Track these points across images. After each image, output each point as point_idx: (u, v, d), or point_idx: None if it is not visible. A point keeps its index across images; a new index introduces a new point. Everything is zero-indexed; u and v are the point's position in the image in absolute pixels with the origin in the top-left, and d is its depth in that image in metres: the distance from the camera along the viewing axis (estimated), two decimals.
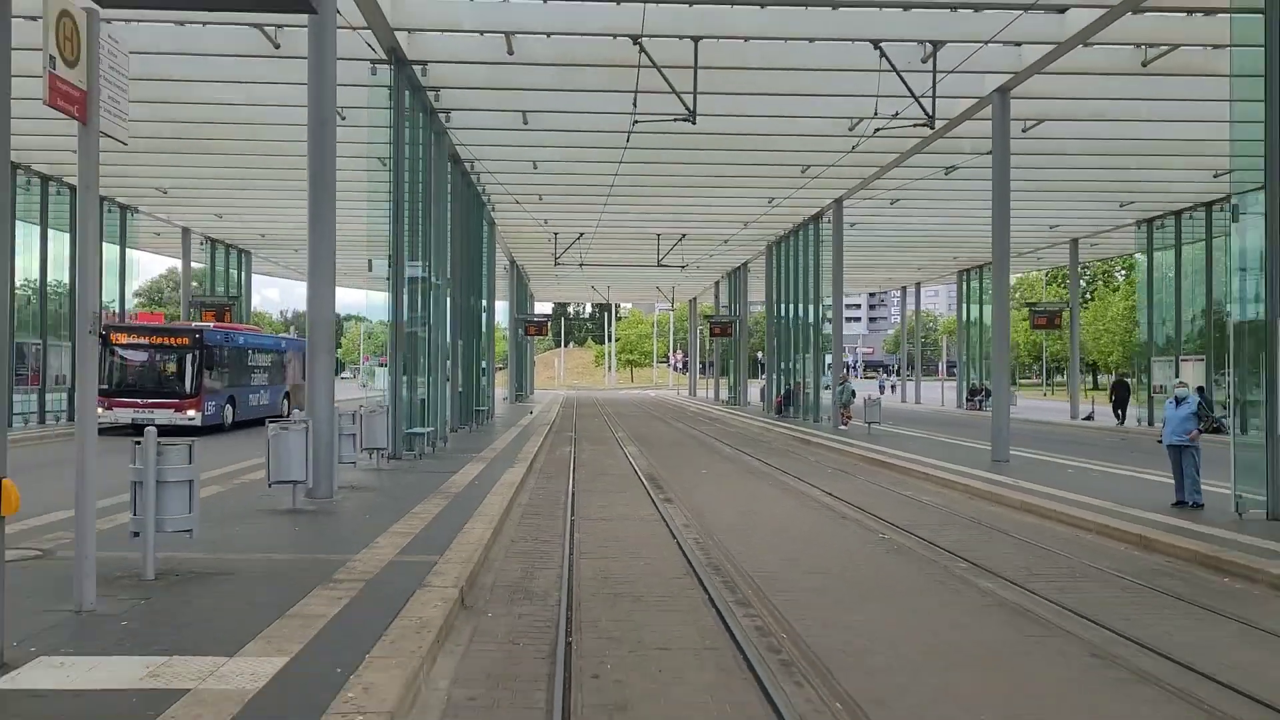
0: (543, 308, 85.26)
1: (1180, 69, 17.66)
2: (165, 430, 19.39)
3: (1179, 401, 12.94)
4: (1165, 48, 17.01)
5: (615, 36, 16.48)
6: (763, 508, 14.14)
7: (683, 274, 49.54)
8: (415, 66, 17.99)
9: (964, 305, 50.52)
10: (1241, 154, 12.82)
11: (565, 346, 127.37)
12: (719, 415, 40.72)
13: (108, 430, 21.55)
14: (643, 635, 7.09)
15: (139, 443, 7.72)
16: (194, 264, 39.69)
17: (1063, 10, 15.88)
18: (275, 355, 32.44)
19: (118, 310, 33.32)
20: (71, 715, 4.76)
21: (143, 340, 26.67)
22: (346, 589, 7.45)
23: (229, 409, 27.58)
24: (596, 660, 6.43)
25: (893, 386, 70.73)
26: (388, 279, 17.77)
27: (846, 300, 35.55)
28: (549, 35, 17.11)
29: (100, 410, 22.26)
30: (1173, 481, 13.04)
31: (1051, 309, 40.23)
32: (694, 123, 16.85)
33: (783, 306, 39.59)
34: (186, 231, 37.41)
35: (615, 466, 19.68)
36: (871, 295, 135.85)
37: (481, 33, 17.04)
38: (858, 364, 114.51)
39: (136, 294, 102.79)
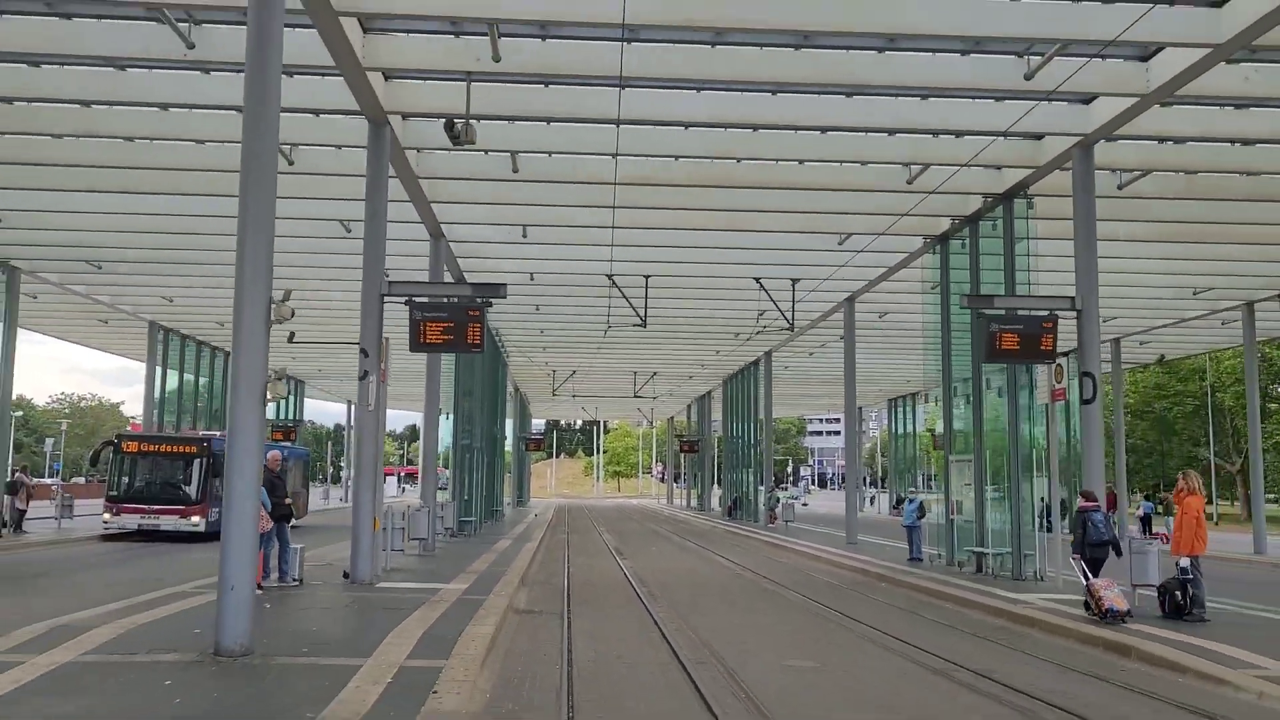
0: (537, 422, 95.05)
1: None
2: (169, 536, 25.27)
3: (911, 501, 22.81)
4: None
5: (595, 275, 26.71)
6: (681, 564, 23.84)
7: (660, 398, 59.66)
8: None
9: (891, 426, 60.64)
10: None
11: (556, 457, 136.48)
12: (683, 518, 50.34)
13: (114, 536, 25.81)
14: (599, 594, 16.76)
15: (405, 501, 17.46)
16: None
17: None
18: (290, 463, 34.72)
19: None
20: (404, 595, 14.38)
21: (154, 449, 27.66)
22: (475, 573, 17.11)
23: None
24: (579, 597, 16.10)
25: (872, 499, 79.40)
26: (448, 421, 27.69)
27: (827, 416, 45.57)
28: (551, 273, 27.33)
29: (108, 516, 26.06)
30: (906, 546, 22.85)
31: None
32: (644, 326, 27.08)
33: (734, 428, 49.56)
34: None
35: (595, 545, 29.35)
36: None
37: (500, 230, 27.25)
38: (833, 476, 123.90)
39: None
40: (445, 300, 15.85)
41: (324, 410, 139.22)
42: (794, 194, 19.96)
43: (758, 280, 26.75)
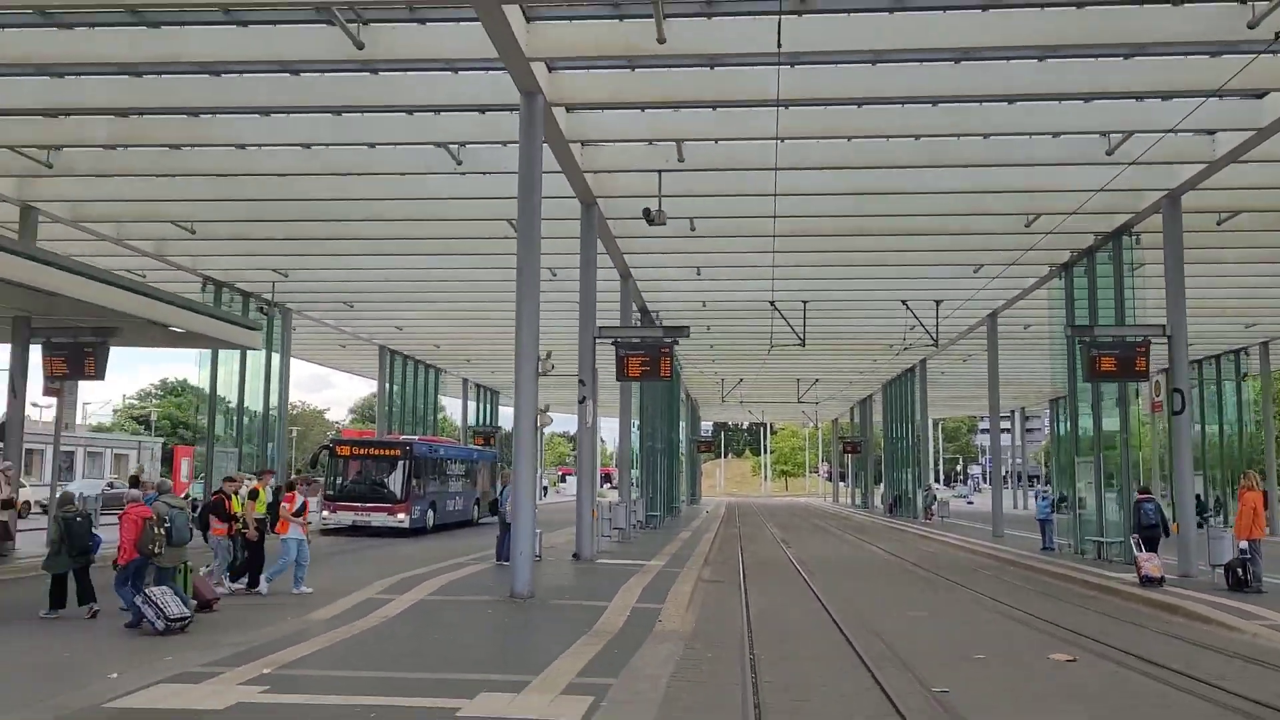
0: (707, 425, 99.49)
1: None
2: (378, 531, 28.08)
3: (1044, 498, 25.89)
4: None
5: (759, 301, 30.75)
6: (837, 550, 27.66)
7: (821, 402, 63.04)
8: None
9: (1054, 427, 61.93)
10: None
11: (725, 458, 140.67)
12: (845, 514, 53.71)
13: (330, 531, 27.78)
14: (768, 570, 20.88)
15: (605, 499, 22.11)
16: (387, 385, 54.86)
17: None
18: (470, 465, 36.00)
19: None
20: (620, 567, 18.86)
21: (363, 452, 29.89)
22: (668, 554, 21.52)
23: (431, 513, 30.54)
24: (752, 572, 20.26)
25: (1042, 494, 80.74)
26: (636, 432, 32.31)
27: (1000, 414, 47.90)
28: (721, 301, 31.51)
29: (325, 513, 28.55)
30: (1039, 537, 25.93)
31: None
32: (803, 345, 30.97)
33: (893, 429, 52.60)
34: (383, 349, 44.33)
35: (763, 536, 33.44)
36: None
37: (680, 276, 31.58)
38: (1007, 474, 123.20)
39: (351, 410, 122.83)
40: (642, 340, 20.31)
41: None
42: (934, 232, 23.32)
43: (904, 303, 30.23)
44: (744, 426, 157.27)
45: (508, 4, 11.83)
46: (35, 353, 20.61)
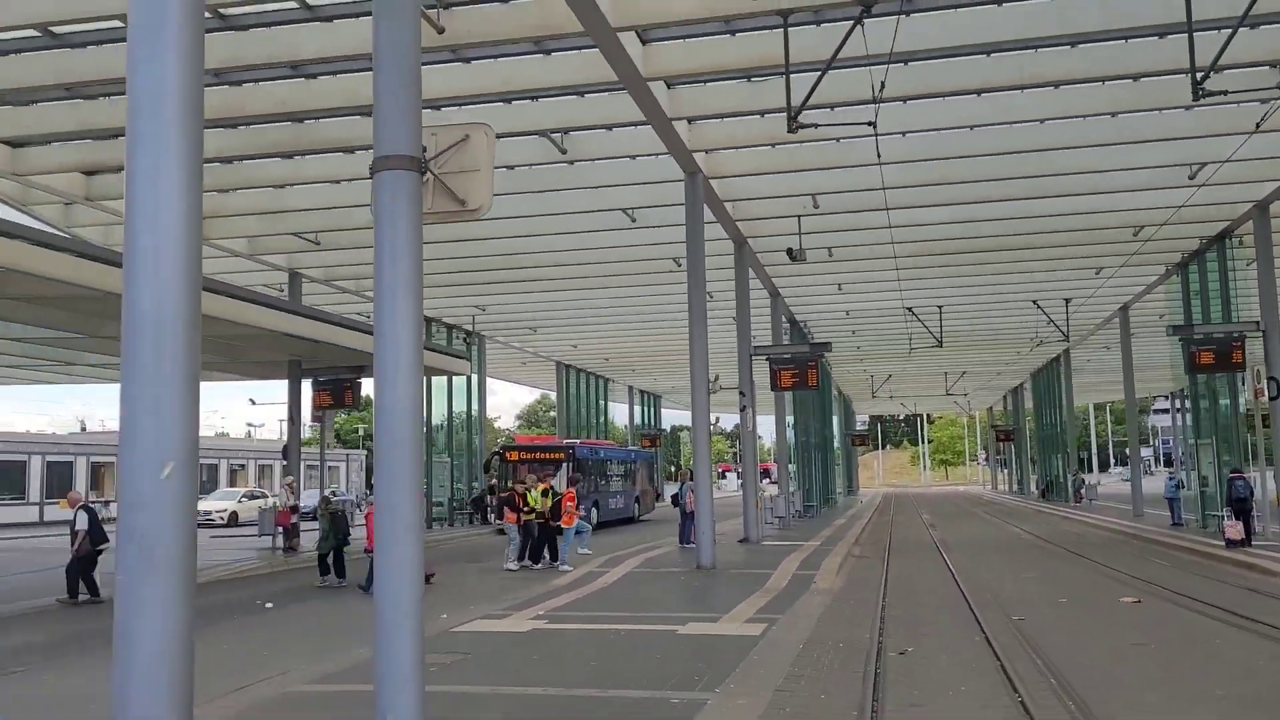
0: (863, 418, 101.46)
1: None
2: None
3: (1171, 477, 28.14)
4: None
5: (896, 307, 33.77)
6: (978, 532, 30.55)
7: (969, 393, 64.86)
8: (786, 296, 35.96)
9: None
10: None
11: (883, 449, 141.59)
12: (999, 500, 55.66)
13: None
14: (910, 549, 24.20)
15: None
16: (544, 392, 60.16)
17: None
18: (629, 465, 38.45)
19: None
20: (781, 547, 22.56)
21: (527, 456, 32.19)
22: (823, 537, 25.09)
23: (594, 511, 32.01)
24: (896, 550, 23.63)
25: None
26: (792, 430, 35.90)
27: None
28: (862, 309, 34.67)
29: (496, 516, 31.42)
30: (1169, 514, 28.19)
31: None
32: (941, 346, 33.88)
33: (1043, 417, 54.28)
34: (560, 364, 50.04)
35: (913, 521, 36.46)
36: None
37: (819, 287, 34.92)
38: (1160, 455, 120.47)
39: (518, 417, 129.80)
40: (791, 356, 23.97)
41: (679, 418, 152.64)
42: (1057, 242, 25.93)
43: (1035, 302, 32.82)
44: (901, 418, 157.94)
45: (677, 121, 15.79)
46: (303, 387, 25.91)
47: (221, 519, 38.50)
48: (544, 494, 19.76)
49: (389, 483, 6.46)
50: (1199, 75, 11.47)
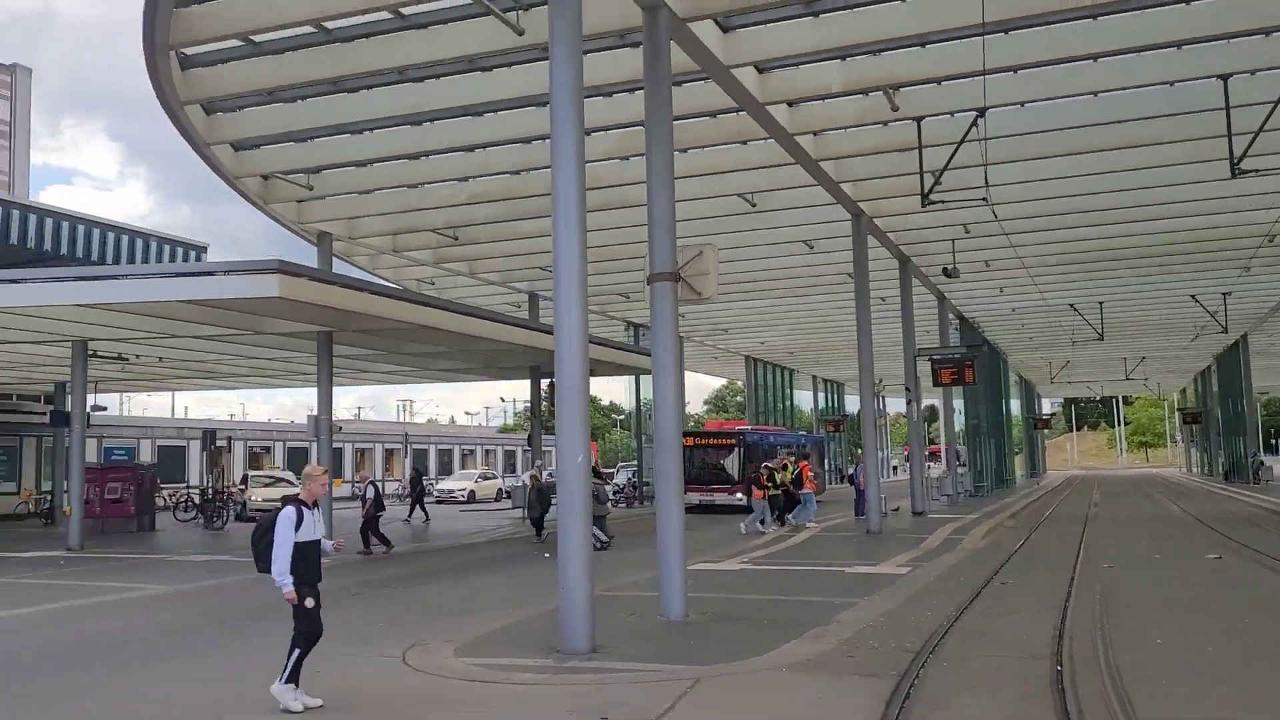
0: (1053, 401, 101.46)
1: None
2: (720, 509, 32.81)
3: None
4: None
5: (1061, 304, 36.75)
6: (1136, 509, 33.47)
7: (1149, 378, 65.62)
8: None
9: None
10: None
11: (1078, 431, 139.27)
12: (1182, 481, 56.82)
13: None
14: (1059, 522, 27.74)
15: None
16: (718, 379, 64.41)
17: None
18: (799, 449, 39.38)
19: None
20: (943, 519, 26.61)
21: (703, 442, 34.58)
22: (983, 511, 28.93)
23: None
24: (1046, 523, 27.28)
25: None
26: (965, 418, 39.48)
27: None
28: (1029, 307, 37.77)
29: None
30: None
31: None
32: (1102, 339, 36.69)
33: (1227, 400, 55.06)
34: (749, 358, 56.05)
35: (1081, 500, 39.40)
36: None
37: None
38: None
39: (705, 402, 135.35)
40: (952, 356, 27.96)
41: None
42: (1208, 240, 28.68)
43: (1194, 297, 35.25)
44: (1096, 399, 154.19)
45: (845, 183, 20.36)
46: (516, 387, 31.71)
47: (463, 497, 45.25)
48: (782, 469, 25.33)
49: (665, 461, 11.57)
50: None
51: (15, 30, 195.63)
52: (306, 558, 7.65)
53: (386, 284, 26.18)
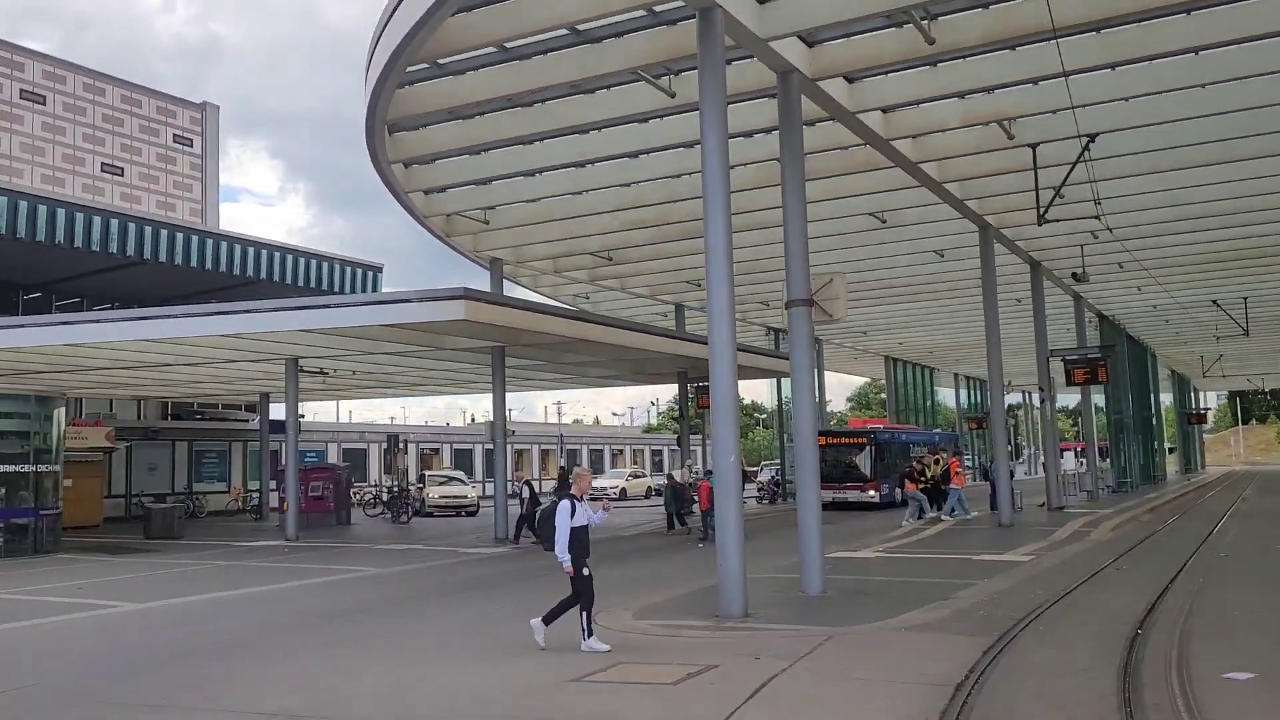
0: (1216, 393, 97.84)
1: None
2: (852, 506, 33.93)
3: None
4: None
5: (1204, 302, 36.83)
6: None
7: None
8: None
9: None
10: None
11: (1245, 424, 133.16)
12: None
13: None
14: (1196, 516, 28.33)
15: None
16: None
17: None
18: (932, 446, 38.44)
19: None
20: (1078, 513, 27.64)
21: (835, 441, 34.97)
22: (1120, 508, 29.74)
23: (899, 489, 32.79)
24: (1183, 516, 27.96)
25: None
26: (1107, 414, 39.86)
27: None
28: (1163, 307, 37.96)
29: None
30: None
31: None
32: (1247, 335, 36.61)
33: None
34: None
35: (1230, 495, 39.19)
36: None
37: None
38: None
39: (849, 399, 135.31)
40: (1084, 356, 28.93)
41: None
42: None
43: None
44: (1264, 391, 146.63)
45: (970, 199, 21.94)
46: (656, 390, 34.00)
47: (614, 494, 47.99)
48: (935, 464, 27.29)
49: (803, 463, 13.68)
50: None
51: (187, 60, 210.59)
52: (579, 540, 9.96)
53: (552, 303, 28.98)
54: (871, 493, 33.01)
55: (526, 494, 24.63)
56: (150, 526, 26.88)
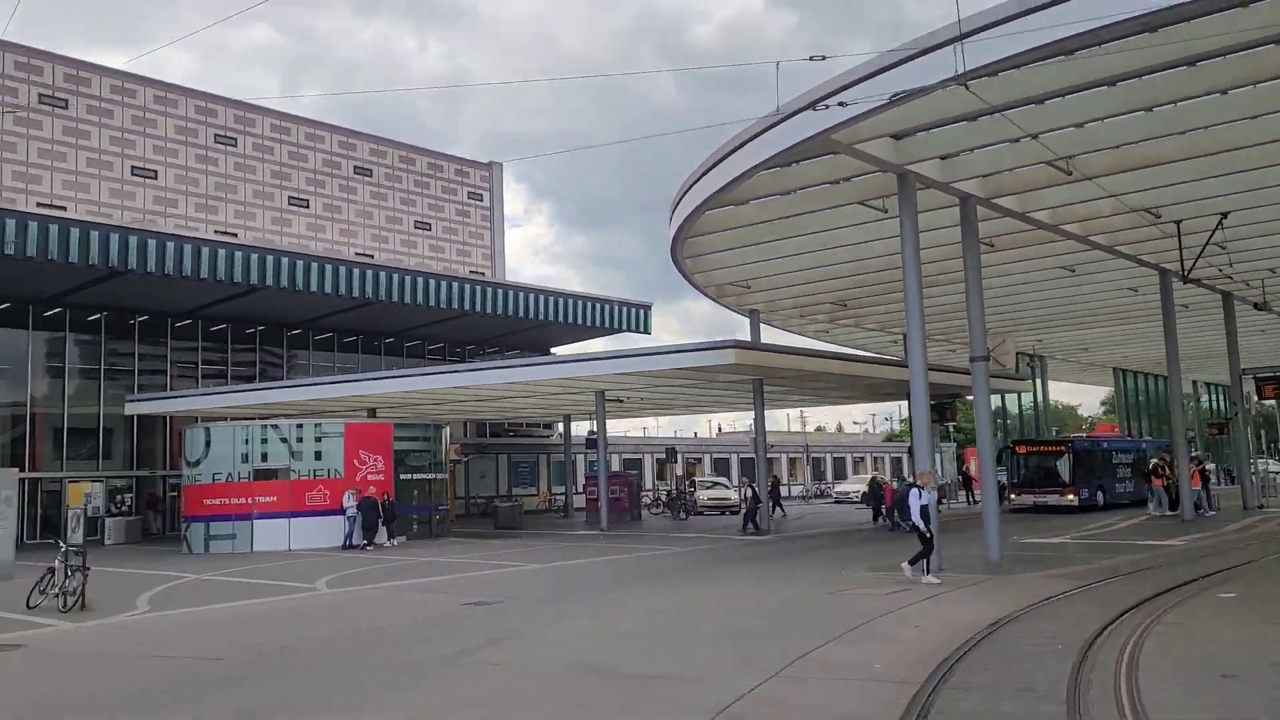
0: None
1: None
2: (1052, 509, 35.13)
3: None
4: None
5: None
6: None
7: None
8: None
9: None
10: None
11: None
12: None
13: (1015, 510, 35.32)
14: None
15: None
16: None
17: None
18: (1139, 454, 40.79)
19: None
20: (1270, 514, 31.44)
21: (1036, 449, 37.48)
22: None
23: (1100, 494, 36.64)
24: None
25: None
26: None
27: None
28: None
29: (1013, 496, 35.88)
30: None
31: None
32: None
33: None
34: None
35: None
36: None
37: None
38: None
39: (1102, 402, 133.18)
40: (1274, 374, 32.72)
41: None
42: None
43: None
44: None
45: (1144, 254, 27.05)
46: None
47: (857, 497, 53.88)
48: (1171, 467, 31.98)
49: (986, 473, 19.97)
50: None
51: (439, 96, 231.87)
52: (925, 512, 16.51)
53: (800, 341, 35.78)
54: (1070, 497, 35.16)
55: (749, 494, 31.66)
56: (499, 520, 35.79)
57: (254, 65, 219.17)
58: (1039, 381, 49.25)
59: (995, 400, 48.06)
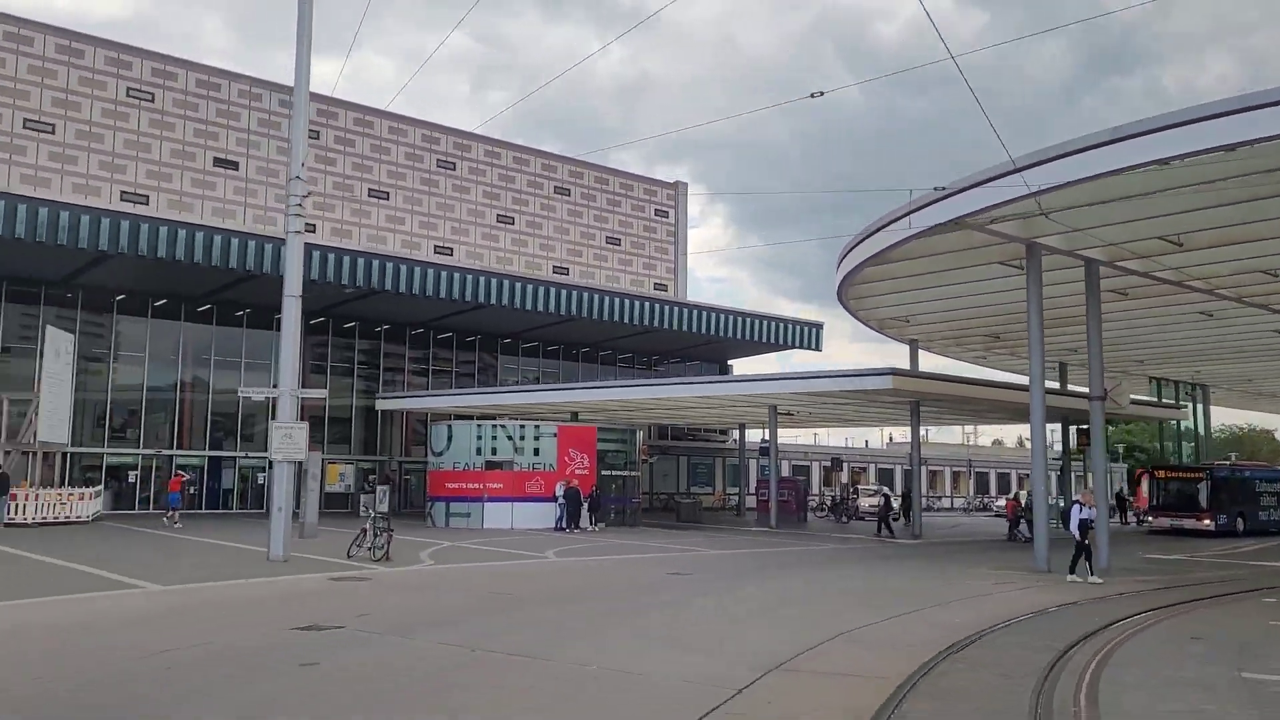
0: None
1: None
2: (1189, 533, 36.76)
3: None
4: None
5: None
6: None
7: None
8: None
9: None
10: None
11: None
12: None
13: (1153, 532, 38.10)
14: None
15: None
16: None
17: None
18: (1273, 482, 41.55)
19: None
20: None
21: (1174, 475, 39.37)
22: None
23: (1239, 521, 37.85)
24: None
25: None
26: None
27: None
28: None
29: (1150, 519, 39.24)
30: None
31: None
32: None
33: None
34: None
35: None
36: None
37: None
38: None
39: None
40: None
41: None
42: None
43: None
44: None
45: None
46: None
47: (1001, 509, 56.59)
48: None
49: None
50: None
51: (623, 98, 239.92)
52: (1083, 524, 20.39)
53: (954, 368, 39.64)
54: (1206, 521, 36.65)
55: (880, 501, 35.76)
56: (680, 514, 41.18)
57: (444, 71, 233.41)
58: (1198, 407, 50.93)
59: (1186, 423, 50.83)
